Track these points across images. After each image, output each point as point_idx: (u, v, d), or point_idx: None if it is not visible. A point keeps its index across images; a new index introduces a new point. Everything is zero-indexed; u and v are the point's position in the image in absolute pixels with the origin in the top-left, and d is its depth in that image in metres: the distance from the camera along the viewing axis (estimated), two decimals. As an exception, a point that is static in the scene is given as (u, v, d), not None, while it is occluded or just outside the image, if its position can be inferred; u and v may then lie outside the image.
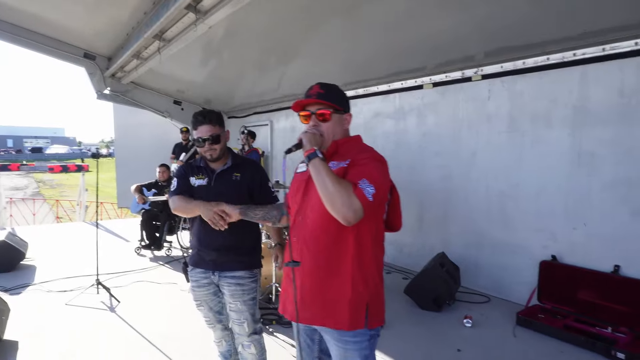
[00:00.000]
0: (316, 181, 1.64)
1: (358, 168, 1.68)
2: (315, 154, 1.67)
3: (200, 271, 2.57)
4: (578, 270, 4.06)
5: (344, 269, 1.72)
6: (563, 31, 3.96)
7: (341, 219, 1.59)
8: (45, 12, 6.28)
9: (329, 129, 1.81)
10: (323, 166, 1.64)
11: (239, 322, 2.53)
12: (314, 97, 1.80)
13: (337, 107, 1.83)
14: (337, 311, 1.73)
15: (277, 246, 2.76)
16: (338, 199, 1.57)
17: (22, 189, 25.70)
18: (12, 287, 4.98)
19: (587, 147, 4.03)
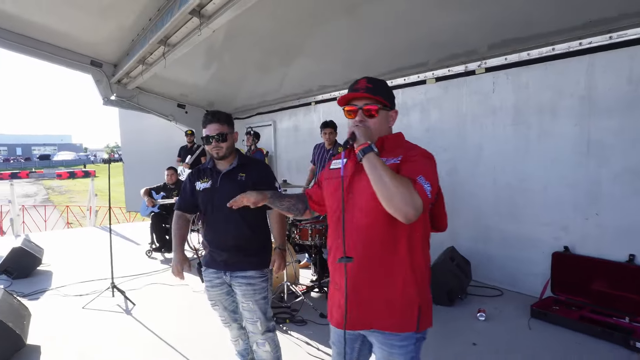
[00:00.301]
0: (372, 177, 1.53)
1: (412, 164, 1.61)
2: (370, 148, 1.57)
3: (213, 271, 2.62)
4: (592, 260, 4.05)
5: (397, 269, 1.66)
6: (568, 21, 3.93)
7: (401, 216, 1.49)
8: (52, 22, 6.36)
9: (376, 126, 1.72)
10: (379, 161, 1.55)
11: (252, 321, 2.57)
12: (362, 91, 1.71)
13: (385, 103, 1.74)
14: (388, 313, 1.67)
15: (276, 250, 2.68)
16: (398, 195, 1.47)
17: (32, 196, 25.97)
18: (30, 292, 5.08)
19: (595, 137, 4.01)
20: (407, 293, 1.66)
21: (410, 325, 1.67)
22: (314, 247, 4.62)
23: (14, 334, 3.42)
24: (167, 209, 6.70)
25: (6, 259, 5.65)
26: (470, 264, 4.80)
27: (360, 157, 1.58)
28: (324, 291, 4.70)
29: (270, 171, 2.76)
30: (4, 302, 3.65)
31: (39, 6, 5.79)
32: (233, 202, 2.09)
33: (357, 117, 1.71)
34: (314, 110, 7.68)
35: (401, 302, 1.67)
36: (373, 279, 1.66)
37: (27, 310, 3.99)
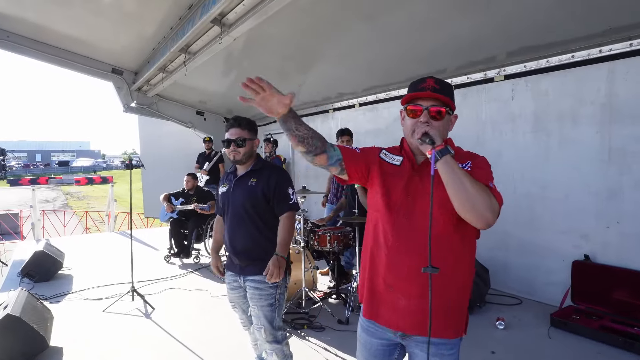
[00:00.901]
0: (451, 180, 1.45)
1: (482, 171, 1.56)
2: (447, 150, 1.47)
3: (232, 274, 2.69)
4: (613, 269, 3.99)
5: (462, 274, 1.63)
6: (587, 28, 3.92)
7: (482, 222, 1.44)
8: (75, 31, 6.56)
9: (440, 129, 1.58)
10: (457, 164, 1.47)
11: (257, 328, 2.57)
12: (429, 90, 1.59)
13: (452, 106, 1.64)
14: (449, 318, 1.63)
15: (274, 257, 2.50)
16: (480, 200, 1.42)
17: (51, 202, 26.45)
18: (52, 295, 5.17)
19: (617, 144, 3.97)
20: (463, 298, 1.67)
21: (461, 330, 1.68)
22: (332, 254, 4.64)
23: (38, 335, 3.50)
24: (185, 214, 6.78)
25: (28, 262, 5.75)
26: (488, 272, 4.76)
27: (437, 159, 1.47)
28: (341, 298, 4.71)
29: (285, 177, 2.69)
30: (28, 304, 3.73)
31: (62, 15, 5.97)
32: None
33: (422, 118, 1.58)
34: (332, 117, 7.74)
35: (458, 308, 1.66)
36: (442, 285, 1.55)
37: (50, 312, 4.09)
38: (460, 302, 1.67)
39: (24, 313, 3.52)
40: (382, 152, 1.78)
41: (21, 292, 3.93)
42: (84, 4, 5.43)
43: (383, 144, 2.01)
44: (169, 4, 5.08)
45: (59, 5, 5.59)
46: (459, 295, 1.66)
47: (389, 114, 6.39)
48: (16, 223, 13.37)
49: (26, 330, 3.44)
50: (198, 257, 6.79)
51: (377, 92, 6.46)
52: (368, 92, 6.57)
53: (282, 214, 2.59)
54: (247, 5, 4.09)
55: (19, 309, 3.53)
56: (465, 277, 1.66)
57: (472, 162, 1.61)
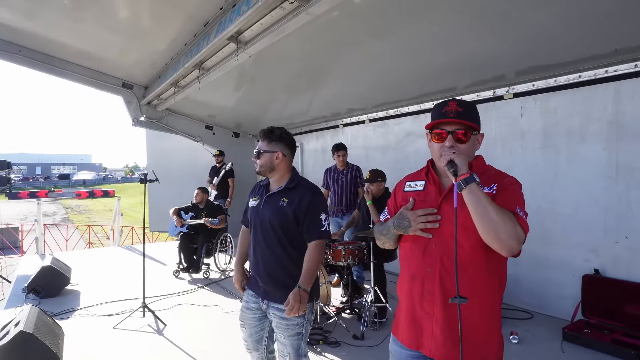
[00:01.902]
0: (476, 209, 1.48)
1: (508, 195, 1.58)
2: (473, 178, 1.51)
3: (252, 294, 2.57)
4: (623, 283, 4.06)
5: (492, 299, 1.62)
6: (594, 49, 4.06)
7: (506, 251, 1.47)
8: (86, 45, 6.66)
9: (466, 152, 1.62)
10: (482, 193, 1.50)
11: (282, 354, 2.49)
12: (453, 116, 1.62)
13: (476, 127, 1.66)
14: (488, 346, 1.62)
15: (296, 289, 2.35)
16: (503, 229, 1.44)
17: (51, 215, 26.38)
18: (59, 312, 5.06)
19: (624, 161, 4.08)
20: (499, 329, 1.65)
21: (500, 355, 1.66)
22: (347, 269, 4.68)
23: (51, 353, 3.36)
24: (195, 229, 6.81)
25: (35, 277, 5.63)
26: (499, 287, 4.81)
27: (461, 188, 1.51)
28: (355, 312, 4.74)
29: (320, 201, 2.53)
30: (39, 320, 3.62)
31: (74, 30, 6.07)
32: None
33: (447, 143, 1.62)
34: (342, 132, 7.85)
35: (497, 341, 1.65)
36: (471, 311, 1.56)
37: (60, 329, 3.97)
38: (493, 327, 1.64)
39: (36, 330, 3.41)
40: (406, 184, 1.83)
41: (32, 309, 3.80)
42: (97, 20, 5.54)
43: (393, 159, 2.07)
44: (184, 20, 5.21)
45: (72, 21, 5.69)
46: (495, 325, 1.64)
47: (400, 130, 6.50)
48: (16, 237, 13.26)
49: (39, 348, 3.31)
50: (208, 272, 6.79)
51: (387, 109, 6.58)
52: (378, 108, 6.69)
53: (310, 241, 2.44)
54: (265, 24, 4.21)
55: (31, 325, 3.42)
56: (498, 306, 1.65)
57: (497, 184, 1.61)
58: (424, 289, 1.66)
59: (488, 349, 1.62)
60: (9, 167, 7.36)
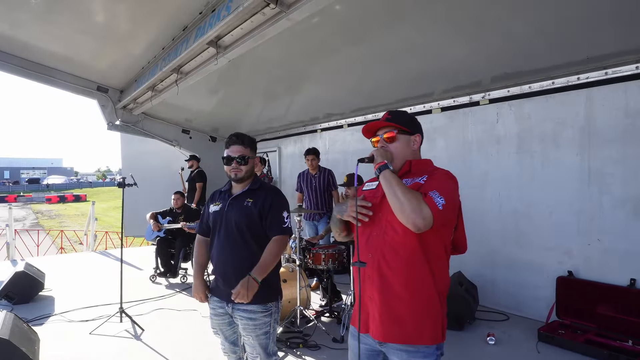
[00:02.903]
0: (387, 191, 1.73)
1: (431, 182, 1.77)
2: (386, 166, 1.78)
3: (217, 300, 2.55)
4: (595, 285, 4.18)
5: (425, 284, 1.75)
6: (567, 57, 4.19)
7: (411, 226, 1.64)
8: (60, 48, 6.48)
9: (397, 149, 1.89)
10: (393, 177, 1.74)
11: (252, 357, 2.50)
12: (382, 120, 1.94)
13: (404, 128, 1.91)
14: (419, 326, 1.75)
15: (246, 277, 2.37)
16: (408, 205, 1.64)
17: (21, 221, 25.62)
18: (34, 317, 4.99)
19: (596, 166, 4.21)
20: (436, 306, 1.76)
21: (437, 337, 1.76)
22: (326, 272, 4.69)
23: (27, 358, 3.38)
24: (173, 233, 6.72)
25: (8, 283, 5.55)
26: (477, 288, 4.90)
27: (377, 174, 1.79)
28: (334, 316, 4.75)
29: (282, 201, 2.61)
30: (15, 326, 3.60)
31: (49, 33, 5.91)
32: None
33: (379, 143, 1.93)
34: (320, 137, 7.87)
35: (432, 316, 1.76)
36: (402, 293, 1.75)
37: (36, 335, 3.96)
38: (428, 310, 1.76)
39: (12, 336, 3.39)
40: (365, 184, 2.06)
41: (7, 315, 3.77)
42: (71, 23, 5.39)
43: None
44: (163, 24, 5.12)
45: (47, 24, 5.55)
46: (429, 303, 1.76)
47: (377, 135, 6.54)
48: (-15, 243, 12.84)
49: (15, 354, 3.30)
50: (185, 276, 6.71)
51: (365, 113, 6.63)
52: (356, 113, 6.74)
53: (272, 237, 2.50)
54: (245, 29, 4.18)
55: (7, 331, 3.40)
56: (432, 286, 1.75)
57: (428, 176, 1.81)
58: (366, 274, 1.84)
59: (419, 330, 1.74)
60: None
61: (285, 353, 3.94)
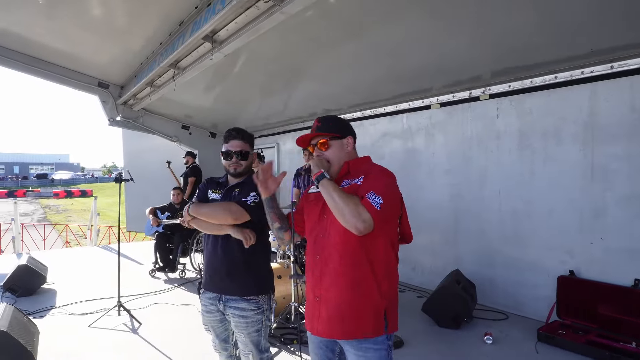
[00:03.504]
0: (326, 198, 1.81)
1: (367, 183, 1.86)
2: (323, 176, 1.86)
3: (209, 296, 2.54)
4: (597, 284, 4.08)
5: (365, 280, 1.84)
6: (570, 50, 4.07)
7: (352, 229, 1.72)
8: (62, 44, 6.49)
9: (333, 154, 1.99)
10: (331, 185, 1.82)
11: (244, 353, 2.51)
12: (313, 131, 2.03)
13: (335, 135, 2.00)
14: (361, 321, 1.83)
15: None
16: (347, 211, 1.72)
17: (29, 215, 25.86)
18: (35, 310, 5.07)
19: (599, 162, 4.10)
20: (375, 300, 1.84)
21: (379, 329, 1.84)
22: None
23: (25, 350, 3.39)
24: (171, 228, 6.72)
25: (11, 276, 5.64)
26: (475, 287, 4.82)
27: (316, 184, 1.88)
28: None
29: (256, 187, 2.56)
30: (14, 319, 3.63)
31: (49, 28, 5.91)
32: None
33: (315, 152, 2.03)
34: (318, 132, 7.75)
35: (372, 309, 1.84)
36: (345, 291, 1.84)
37: (35, 327, 3.98)
38: (372, 304, 1.84)
39: (10, 328, 3.41)
40: (311, 187, 2.13)
41: (7, 307, 3.81)
42: (72, 18, 5.38)
43: None
44: (160, 19, 5.09)
45: (47, 20, 5.53)
46: (369, 297, 1.84)
47: (375, 130, 6.48)
48: (-7, 236, 13.01)
49: (13, 346, 3.33)
50: (184, 271, 6.71)
51: (363, 109, 6.55)
52: (354, 109, 6.66)
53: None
54: (240, 22, 4.12)
55: (5, 323, 3.43)
56: (373, 281, 1.84)
57: (364, 177, 1.90)
58: (314, 274, 1.94)
59: (361, 324, 1.83)
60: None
61: (280, 349, 3.91)
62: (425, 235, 5.71)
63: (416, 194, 5.80)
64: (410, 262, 5.99)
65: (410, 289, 5.81)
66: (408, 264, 6.01)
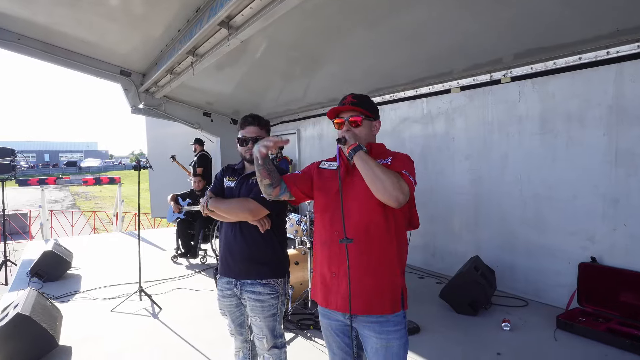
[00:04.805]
0: (364, 170, 1.78)
1: (398, 163, 1.90)
2: (360, 147, 1.83)
3: (226, 281, 2.58)
4: (620, 272, 3.97)
5: (389, 257, 1.88)
6: (595, 30, 3.91)
7: (392, 201, 1.73)
8: (84, 34, 6.62)
9: (361, 134, 1.98)
10: (369, 157, 1.80)
11: (258, 337, 2.53)
12: (347, 104, 1.98)
13: (368, 114, 1.99)
14: (382, 298, 1.87)
15: None
16: (389, 182, 1.72)
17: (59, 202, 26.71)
18: (60, 295, 5.25)
19: (624, 146, 3.96)
20: (397, 278, 1.90)
21: (397, 306, 1.89)
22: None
23: (47, 334, 3.55)
24: (192, 215, 6.83)
25: (37, 262, 5.85)
26: (494, 273, 4.77)
27: (351, 155, 1.84)
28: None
29: None
30: (37, 303, 3.78)
31: (72, 18, 6.03)
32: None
33: (345, 127, 1.98)
34: (338, 118, 7.73)
35: (390, 286, 1.89)
36: (370, 268, 1.87)
37: (59, 312, 4.13)
38: (390, 281, 1.89)
39: (33, 312, 3.57)
40: (322, 163, 2.12)
41: (31, 292, 3.98)
42: (93, 7, 5.47)
43: (388, 145, 2.10)
44: (178, 6, 5.12)
45: (69, 9, 5.64)
46: (392, 275, 1.89)
47: (395, 116, 6.41)
48: (25, 223, 13.53)
49: (36, 329, 3.49)
50: (205, 257, 6.84)
51: (383, 94, 6.47)
52: (374, 94, 6.58)
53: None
54: (255, 8, 4.12)
55: (29, 308, 3.58)
56: (395, 259, 1.89)
57: (392, 157, 1.94)
58: (331, 250, 1.93)
59: (382, 300, 1.87)
60: (13, 155, 7.41)
61: (296, 334, 3.96)
62: (445, 221, 5.66)
63: (436, 179, 5.74)
64: (430, 248, 5.95)
65: (430, 275, 5.78)
66: (428, 250, 5.97)
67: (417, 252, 6.04)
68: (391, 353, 1.87)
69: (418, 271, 5.95)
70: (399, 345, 1.89)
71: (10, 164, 7.23)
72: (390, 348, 1.87)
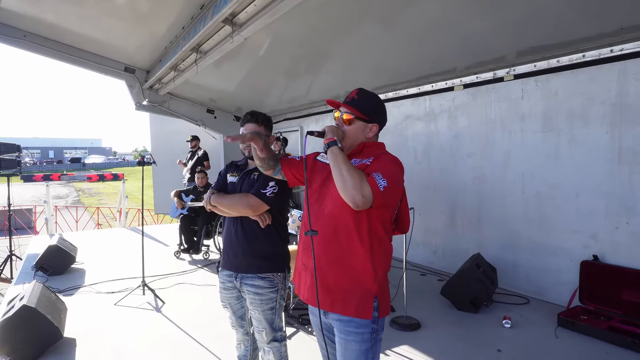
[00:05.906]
0: (332, 167, 1.76)
1: (376, 164, 1.82)
2: (334, 143, 1.81)
3: (227, 274, 2.62)
4: (622, 270, 3.98)
5: (356, 259, 1.81)
6: (598, 28, 3.90)
7: (350, 202, 1.68)
8: (89, 30, 6.66)
9: (351, 132, 1.94)
10: (340, 154, 1.77)
11: (258, 330, 2.56)
12: (346, 102, 1.97)
13: (362, 116, 1.92)
14: (346, 299, 1.81)
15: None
16: (350, 182, 1.67)
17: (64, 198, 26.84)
18: (65, 288, 5.31)
19: (627, 145, 3.95)
20: (365, 282, 1.81)
21: (366, 312, 1.80)
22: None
23: (52, 326, 3.59)
24: (195, 211, 6.87)
25: (42, 256, 5.91)
26: (496, 271, 4.78)
27: (325, 149, 1.83)
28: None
29: None
30: (43, 296, 3.83)
31: (77, 15, 6.06)
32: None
33: (336, 122, 2.00)
34: (341, 115, 7.74)
35: (359, 289, 1.81)
36: (333, 266, 1.82)
37: (63, 304, 4.19)
38: (361, 285, 1.81)
39: (39, 304, 3.61)
40: (320, 155, 2.11)
41: (36, 285, 4.03)
42: (98, 4, 5.50)
43: (391, 142, 2.11)
44: (182, 3, 5.13)
45: (74, 5, 5.67)
46: (358, 277, 1.81)
47: (399, 113, 6.41)
48: (30, 218, 13.64)
49: (41, 321, 3.53)
50: (207, 253, 6.87)
51: (386, 91, 6.48)
52: (377, 91, 6.57)
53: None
54: (258, 5, 4.13)
55: (34, 300, 3.63)
56: (364, 263, 1.81)
57: (374, 158, 1.86)
58: (306, 244, 1.91)
59: (346, 301, 1.81)
60: (18, 151, 7.48)
61: (298, 329, 3.99)
62: (447, 219, 5.67)
63: (438, 176, 5.74)
64: (432, 245, 5.96)
65: (431, 272, 5.79)
66: (429, 248, 5.99)
67: (418, 250, 6.06)
68: (350, 357, 1.82)
69: (420, 268, 5.96)
70: (359, 350, 1.81)
71: (16, 159, 7.29)
72: (348, 351, 1.82)
